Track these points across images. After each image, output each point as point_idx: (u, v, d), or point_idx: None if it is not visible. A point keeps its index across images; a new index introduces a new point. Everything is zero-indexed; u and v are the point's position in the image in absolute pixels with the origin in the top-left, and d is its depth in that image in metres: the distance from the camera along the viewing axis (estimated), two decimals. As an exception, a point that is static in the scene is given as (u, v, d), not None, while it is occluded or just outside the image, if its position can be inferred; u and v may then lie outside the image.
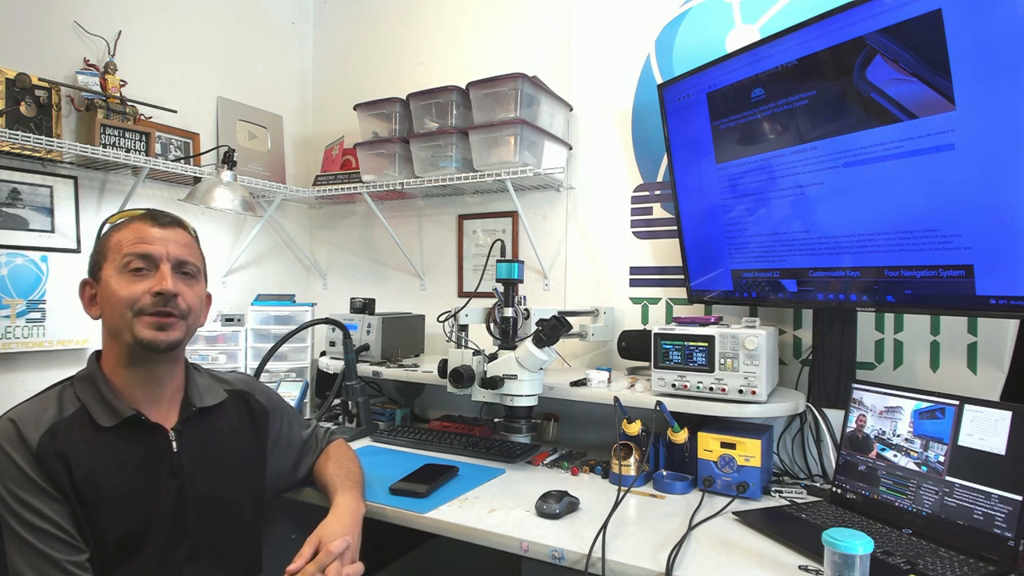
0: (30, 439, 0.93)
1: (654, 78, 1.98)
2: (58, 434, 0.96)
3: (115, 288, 1.03)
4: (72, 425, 0.98)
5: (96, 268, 1.07)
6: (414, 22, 2.50)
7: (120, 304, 1.02)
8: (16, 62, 1.76)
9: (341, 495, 1.22)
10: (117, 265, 1.04)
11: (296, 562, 1.03)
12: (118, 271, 1.04)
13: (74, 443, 0.96)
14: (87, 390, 1.03)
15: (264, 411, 1.25)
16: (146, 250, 1.05)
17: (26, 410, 0.98)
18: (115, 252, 1.05)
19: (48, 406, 0.99)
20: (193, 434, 1.10)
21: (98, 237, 1.11)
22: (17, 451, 0.92)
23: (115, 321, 1.03)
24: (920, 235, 1.31)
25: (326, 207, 2.73)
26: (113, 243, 1.06)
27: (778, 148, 1.53)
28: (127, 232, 1.06)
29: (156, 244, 1.06)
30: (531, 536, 1.19)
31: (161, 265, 1.05)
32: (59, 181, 1.89)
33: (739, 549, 1.14)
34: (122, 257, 1.04)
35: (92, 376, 1.05)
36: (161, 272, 1.05)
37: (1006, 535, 1.06)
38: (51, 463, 0.93)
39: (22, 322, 1.78)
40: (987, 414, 1.14)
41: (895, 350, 1.65)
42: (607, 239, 2.09)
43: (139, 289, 1.03)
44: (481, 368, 1.66)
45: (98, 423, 0.99)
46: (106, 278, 1.04)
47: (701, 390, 1.51)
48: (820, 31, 1.40)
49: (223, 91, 2.38)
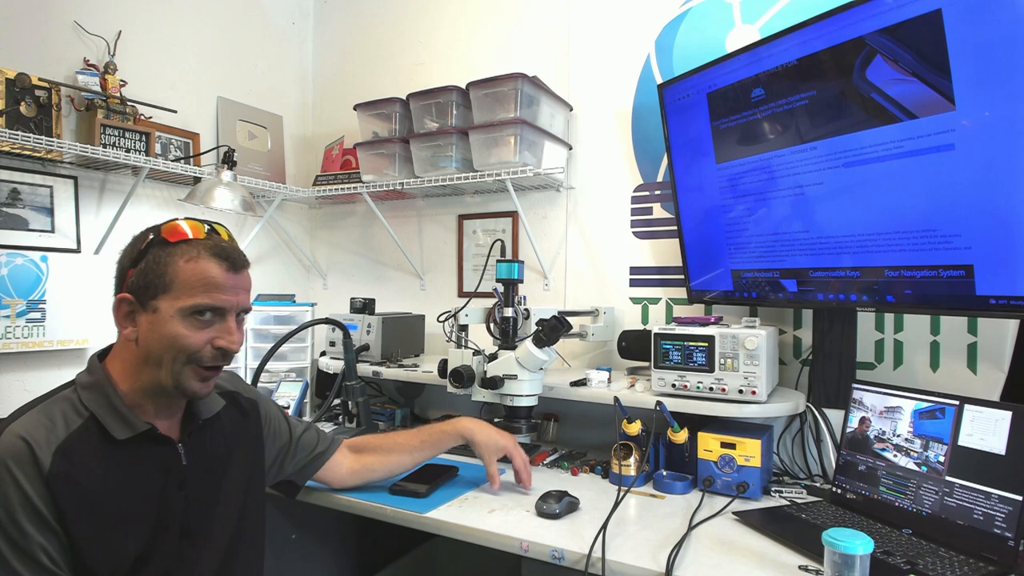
0: (43, 460, 0.89)
1: (654, 78, 1.98)
2: (69, 452, 0.92)
3: (176, 332, 0.96)
4: (83, 440, 0.94)
5: (148, 292, 0.97)
6: (414, 22, 2.50)
7: (178, 350, 0.97)
8: (16, 62, 1.76)
9: (451, 424, 1.45)
10: (183, 308, 0.96)
11: (494, 479, 1.41)
12: (183, 314, 0.96)
13: (86, 463, 0.93)
14: (96, 400, 0.98)
15: (253, 403, 1.25)
16: (221, 302, 0.98)
17: (34, 425, 0.93)
18: (183, 290, 0.96)
19: (55, 419, 0.94)
20: (198, 444, 1.09)
21: (148, 245, 0.99)
22: (27, 475, 0.88)
23: (162, 359, 0.97)
24: (920, 235, 1.31)
25: (326, 207, 2.74)
26: (181, 277, 0.96)
27: (778, 148, 1.53)
28: (196, 268, 0.97)
29: (228, 294, 0.99)
30: (531, 536, 1.19)
31: (228, 318, 1.00)
32: (59, 181, 1.89)
33: (739, 549, 1.14)
34: (192, 302, 0.96)
35: (101, 386, 0.99)
36: (228, 325, 1.00)
37: (1006, 535, 1.06)
38: (61, 492, 0.89)
39: (22, 322, 1.78)
40: (987, 414, 1.14)
41: (895, 350, 1.65)
42: (607, 239, 2.09)
43: (202, 339, 0.97)
44: (481, 368, 1.66)
45: (111, 435, 0.96)
46: (165, 314, 0.96)
47: (701, 390, 1.51)
48: (820, 31, 1.40)
49: (223, 91, 2.38)
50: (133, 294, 0.98)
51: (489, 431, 1.44)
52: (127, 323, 0.99)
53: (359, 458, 1.43)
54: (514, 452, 1.44)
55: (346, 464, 1.41)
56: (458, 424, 1.45)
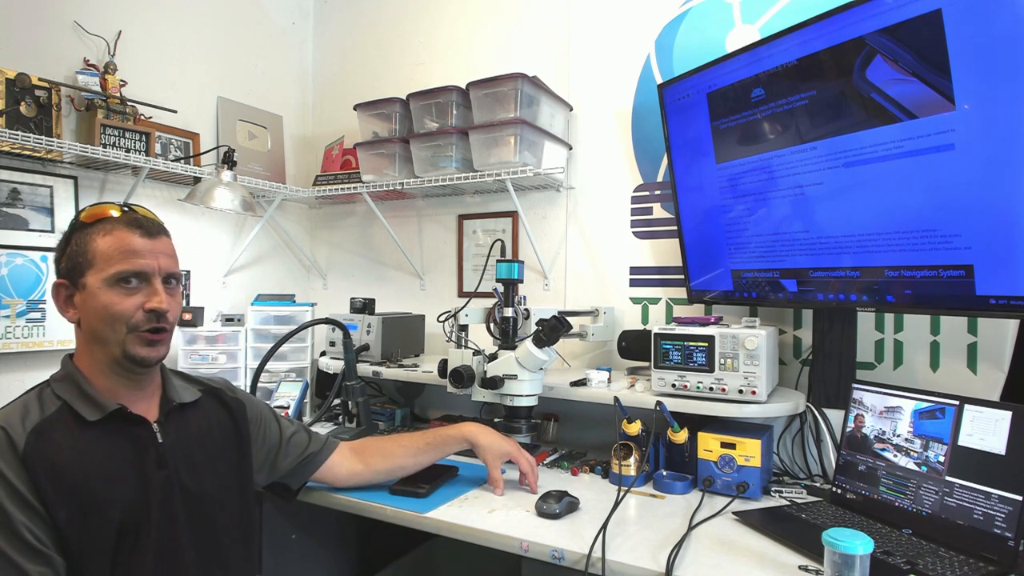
0: (17, 441, 0.93)
1: (654, 78, 1.98)
2: (43, 433, 0.95)
3: (106, 301, 1.01)
4: (56, 423, 0.98)
5: (76, 272, 1.03)
6: (414, 22, 2.50)
7: (112, 319, 1.01)
8: (16, 62, 1.76)
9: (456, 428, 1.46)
10: (107, 277, 1.01)
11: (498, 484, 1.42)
12: (108, 283, 1.01)
13: (60, 443, 0.96)
14: (67, 389, 1.02)
15: (240, 403, 1.26)
16: (140, 266, 1.03)
17: (10, 413, 0.98)
18: (103, 262, 1.01)
19: (30, 407, 0.99)
20: (175, 428, 1.10)
21: (72, 230, 1.05)
22: (4, 458, 0.92)
23: (103, 332, 1.02)
24: (920, 235, 1.31)
25: (326, 207, 2.74)
26: (99, 250, 1.02)
27: (778, 148, 1.53)
28: (113, 240, 1.03)
29: (147, 257, 1.04)
30: (531, 536, 1.19)
31: (153, 280, 1.04)
32: (59, 181, 1.89)
33: (739, 549, 1.14)
34: (112, 270, 1.01)
35: (71, 376, 1.04)
36: (154, 287, 1.04)
37: (1006, 535, 1.06)
38: (37, 470, 0.92)
39: (22, 322, 1.78)
40: (987, 414, 1.14)
41: (895, 350, 1.65)
42: (607, 239, 2.09)
43: (132, 304, 1.02)
44: (481, 368, 1.66)
45: (83, 418, 0.99)
46: (92, 287, 1.01)
47: (701, 390, 1.51)
48: (820, 31, 1.40)
49: (223, 91, 2.38)
50: (65, 278, 1.04)
51: (493, 436, 1.45)
52: (68, 307, 1.05)
53: (361, 459, 1.43)
54: (519, 457, 1.45)
55: (346, 466, 1.41)
56: (463, 428, 1.46)
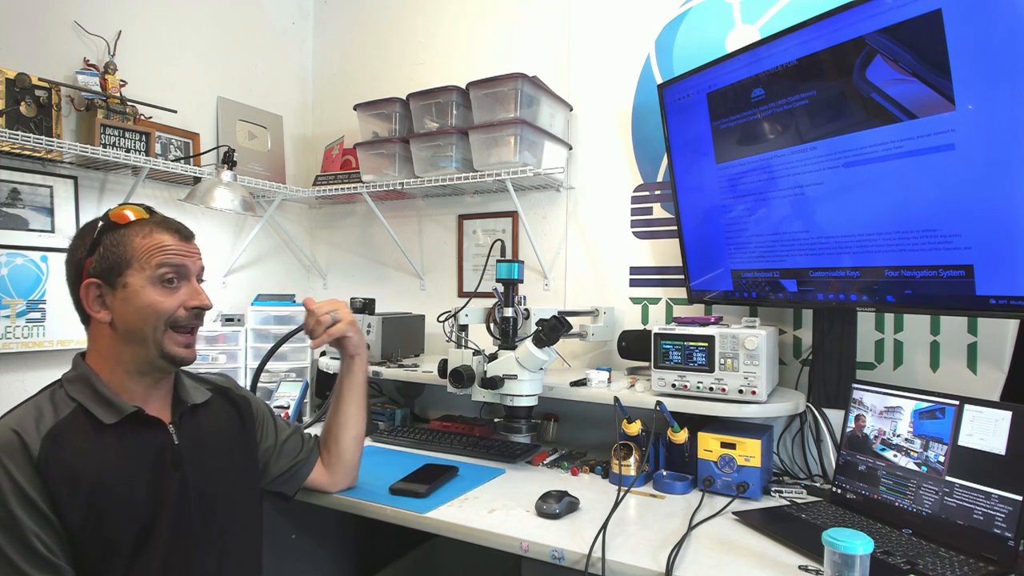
0: (32, 447, 0.91)
1: (654, 78, 1.98)
2: (59, 437, 0.94)
3: (151, 299, 1.02)
4: (72, 426, 0.97)
5: (113, 272, 1.02)
6: (414, 22, 2.50)
7: (154, 316, 1.02)
8: (16, 62, 1.76)
9: None
10: (150, 275, 1.02)
11: None
12: (152, 282, 1.02)
13: (77, 447, 0.95)
14: (82, 390, 1.01)
15: (245, 399, 1.27)
16: (183, 262, 1.06)
17: (23, 416, 0.96)
18: (144, 260, 1.02)
19: (44, 410, 0.97)
20: (189, 429, 1.11)
21: (102, 231, 1.04)
22: (17, 464, 0.90)
23: (143, 331, 1.02)
24: (920, 235, 1.31)
25: (326, 207, 2.73)
26: (141, 251, 1.03)
27: (778, 148, 1.53)
28: (153, 241, 1.04)
29: (186, 258, 1.07)
30: (531, 536, 1.19)
31: (191, 279, 1.08)
32: (59, 181, 1.89)
33: (739, 549, 1.14)
34: (155, 267, 1.03)
35: (85, 377, 1.03)
36: (193, 286, 1.08)
37: (1006, 535, 1.06)
38: (53, 476, 0.91)
39: (22, 322, 1.78)
40: (987, 414, 1.15)
41: (895, 350, 1.65)
42: (607, 239, 2.09)
43: (174, 302, 1.04)
44: (481, 368, 1.66)
45: (100, 421, 0.99)
46: (135, 286, 1.02)
47: (701, 390, 1.51)
48: (820, 31, 1.40)
49: (223, 91, 2.38)
50: (98, 278, 1.03)
51: None
52: (99, 307, 1.04)
53: (326, 452, 1.40)
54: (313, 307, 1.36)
55: (320, 481, 1.39)
56: None
